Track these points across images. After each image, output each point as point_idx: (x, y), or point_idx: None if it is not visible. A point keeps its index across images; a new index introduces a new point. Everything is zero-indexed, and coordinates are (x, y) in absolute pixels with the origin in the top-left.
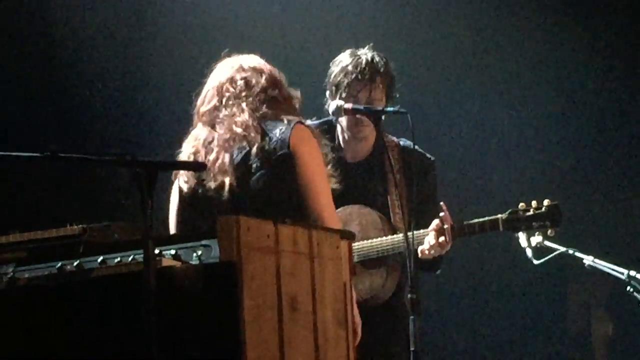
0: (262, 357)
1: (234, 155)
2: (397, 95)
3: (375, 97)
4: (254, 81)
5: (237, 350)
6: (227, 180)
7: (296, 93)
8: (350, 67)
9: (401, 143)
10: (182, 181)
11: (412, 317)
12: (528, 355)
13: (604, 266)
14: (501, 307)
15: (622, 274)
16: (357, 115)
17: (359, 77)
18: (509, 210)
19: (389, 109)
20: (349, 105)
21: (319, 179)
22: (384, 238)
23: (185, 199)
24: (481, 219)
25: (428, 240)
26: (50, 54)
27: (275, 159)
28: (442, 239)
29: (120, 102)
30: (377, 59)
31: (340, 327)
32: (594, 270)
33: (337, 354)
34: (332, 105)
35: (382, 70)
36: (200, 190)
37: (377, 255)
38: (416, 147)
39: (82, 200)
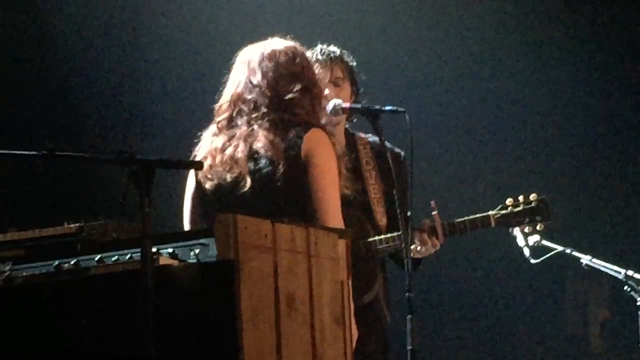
0: (259, 355)
1: (247, 150)
2: (362, 90)
3: (338, 76)
4: (263, 100)
5: (235, 348)
6: (242, 173)
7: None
8: (309, 55)
9: (370, 139)
10: (201, 175)
11: (408, 315)
12: (525, 354)
13: (602, 266)
14: (498, 307)
15: (620, 273)
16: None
17: (318, 57)
18: (499, 207)
19: (387, 107)
20: (346, 105)
21: (329, 183)
22: (373, 239)
23: (207, 193)
24: (472, 217)
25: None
26: (47, 52)
27: (286, 157)
28: (432, 237)
29: (118, 100)
30: (332, 47)
31: (338, 326)
32: (591, 269)
33: (335, 353)
34: (329, 104)
35: (338, 54)
36: (222, 183)
37: (366, 255)
38: (386, 142)
39: (80, 198)
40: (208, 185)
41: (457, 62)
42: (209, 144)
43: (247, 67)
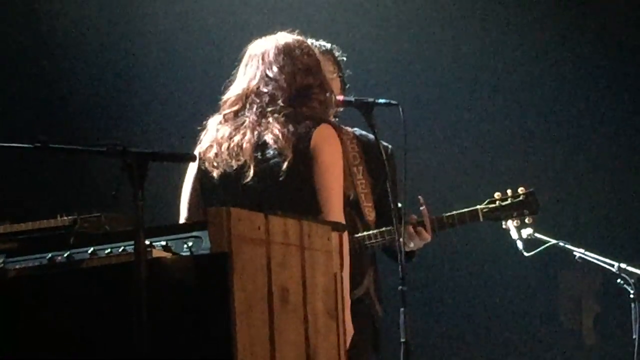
0: (253, 348)
1: (255, 139)
2: (348, 85)
3: (329, 70)
4: (280, 93)
5: (228, 341)
6: (247, 162)
7: (330, 85)
8: None
9: (356, 133)
10: (207, 163)
11: (402, 308)
12: (518, 347)
13: (595, 258)
14: (492, 299)
15: (613, 266)
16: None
17: None
18: (487, 201)
19: (380, 100)
20: (340, 98)
21: (333, 179)
22: (362, 234)
23: (213, 181)
24: (460, 211)
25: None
26: (40, 45)
27: (295, 150)
28: (421, 232)
29: (111, 92)
30: (322, 41)
31: (330, 318)
32: (584, 262)
33: (328, 345)
34: None
35: (329, 47)
36: (228, 171)
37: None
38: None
39: (73, 191)
40: (215, 173)
41: (446, 57)
42: (214, 131)
43: (261, 61)
